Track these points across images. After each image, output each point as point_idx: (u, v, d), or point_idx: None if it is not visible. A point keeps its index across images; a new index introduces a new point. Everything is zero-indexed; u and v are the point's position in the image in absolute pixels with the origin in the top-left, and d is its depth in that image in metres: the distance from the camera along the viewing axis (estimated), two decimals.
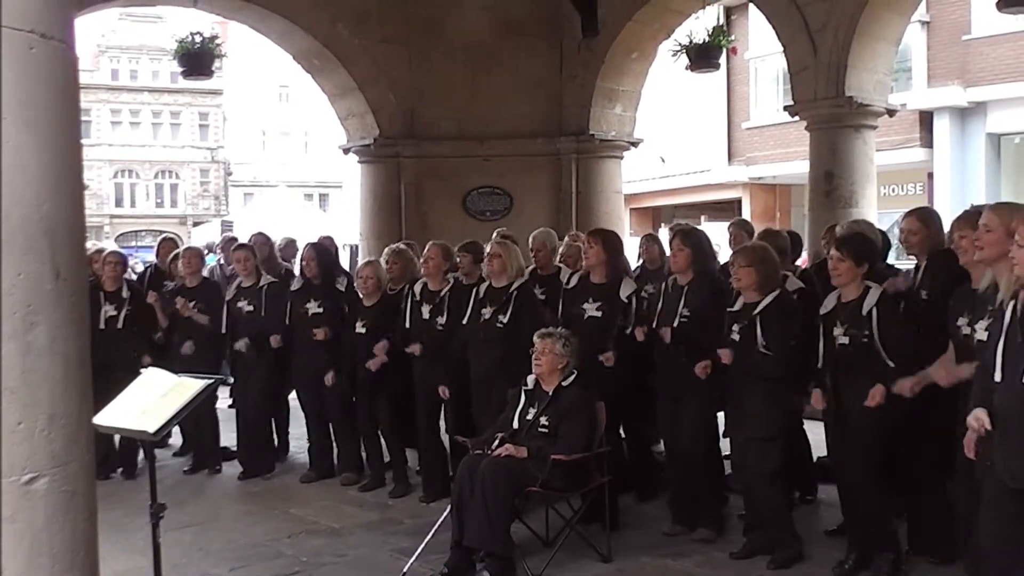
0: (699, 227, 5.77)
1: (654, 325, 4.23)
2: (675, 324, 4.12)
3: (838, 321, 3.58)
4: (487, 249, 4.81)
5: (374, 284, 5.03)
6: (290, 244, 7.35)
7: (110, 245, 7.15)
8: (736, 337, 3.85)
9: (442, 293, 4.86)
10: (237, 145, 34.47)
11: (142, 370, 3.17)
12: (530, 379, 4.07)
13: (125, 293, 5.51)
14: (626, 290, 4.43)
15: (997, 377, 2.49)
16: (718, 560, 3.92)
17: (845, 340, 3.55)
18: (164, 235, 7.79)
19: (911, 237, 3.77)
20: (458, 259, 5.01)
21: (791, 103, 6.79)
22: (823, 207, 6.41)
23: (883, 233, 4.73)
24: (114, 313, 5.39)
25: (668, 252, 4.55)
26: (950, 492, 3.27)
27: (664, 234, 6.01)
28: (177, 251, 6.11)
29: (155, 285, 5.98)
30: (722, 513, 4.24)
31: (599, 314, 4.39)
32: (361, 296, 5.10)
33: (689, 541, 4.14)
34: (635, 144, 8.73)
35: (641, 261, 5.89)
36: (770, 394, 3.79)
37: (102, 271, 5.53)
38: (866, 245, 3.75)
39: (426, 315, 4.85)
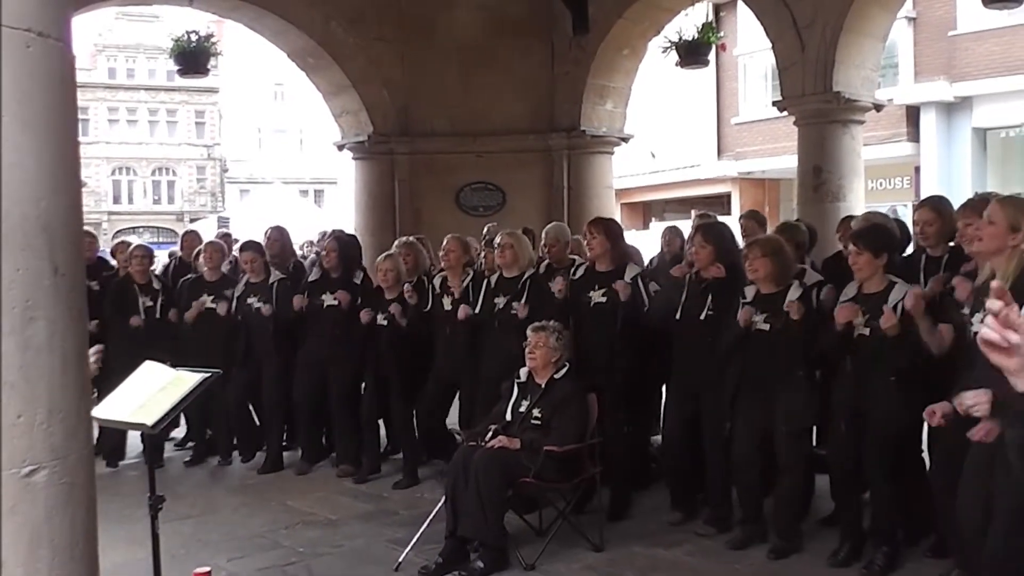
0: (713, 218, 5.51)
1: (677, 318, 4.22)
2: (703, 318, 4.09)
3: (859, 312, 3.55)
4: (497, 240, 4.88)
5: (394, 277, 5.08)
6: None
7: (134, 239, 7.26)
8: (765, 327, 3.80)
9: (464, 284, 4.94)
10: (233, 142, 34.43)
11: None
12: (523, 372, 4.11)
13: (156, 285, 5.67)
14: (630, 273, 4.43)
15: None
16: (708, 549, 3.96)
17: (866, 331, 3.52)
18: (188, 229, 7.83)
19: (927, 228, 3.74)
20: (484, 254, 5.05)
21: (779, 99, 6.85)
22: (811, 201, 6.47)
23: (903, 224, 4.64)
24: (151, 304, 5.53)
25: (689, 244, 4.53)
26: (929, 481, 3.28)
27: (686, 226, 5.94)
28: (200, 246, 6.21)
29: (180, 277, 6.10)
30: (729, 513, 4.22)
31: (604, 300, 4.40)
32: (384, 289, 5.14)
33: (680, 531, 4.18)
34: (626, 140, 8.80)
35: (660, 251, 5.90)
36: (811, 385, 3.78)
37: (129, 265, 5.63)
38: (883, 237, 3.72)
39: (448, 307, 4.92)
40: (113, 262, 6.42)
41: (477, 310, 4.77)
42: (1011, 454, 1.67)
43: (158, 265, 6.87)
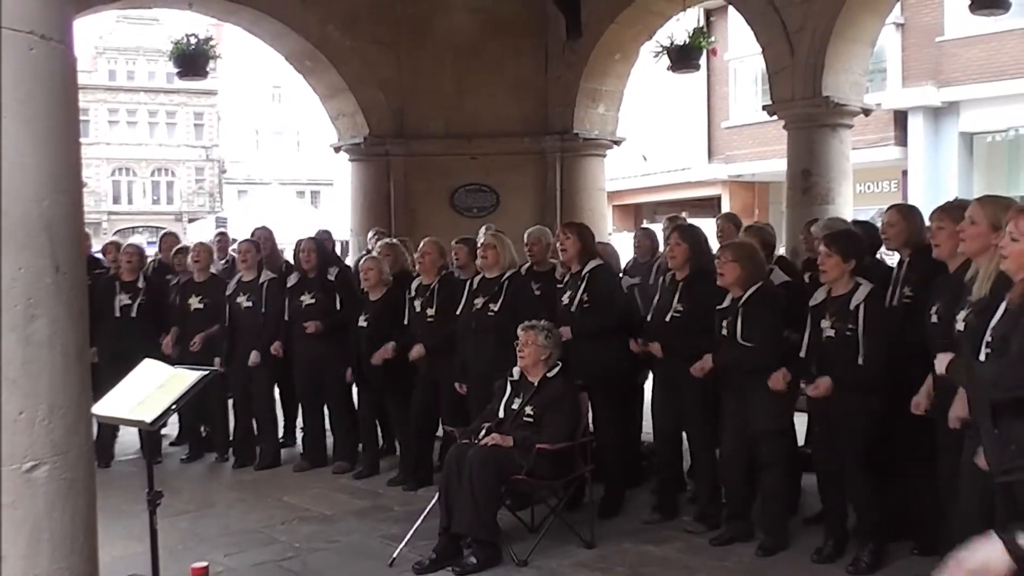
0: (682, 220, 5.76)
1: (648, 319, 4.31)
2: (668, 319, 4.18)
3: (826, 313, 3.64)
4: (480, 241, 4.94)
5: (375, 276, 5.15)
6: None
7: (136, 239, 7.32)
8: (724, 332, 3.91)
9: (432, 286, 5.00)
10: (231, 144, 34.52)
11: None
12: (515, 370, 4.16)
13: (141, 284, 5.68)
14: (590, 266, 4.49)
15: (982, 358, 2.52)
16: (698, 546, 4.01)
17: (831, 333, 3.61)
18: (166, 230, 7.87)
19: (889, 230, 3.83)
20: (454, 252, 5.13)
21: (769, 103, 6.91)
22: (800, 204, 6.51)
23: (874, 228, 4.71)
24: (128, 302, 5.55)
25: (664, 246, 4.59)
26: (937, 479, 3.30)
27: (659, 228, 6.07)
28: (181, 245, 6.26)
29: (159, 278, 6.13)
30: (718, 511, 4.26)
31: (567, 300, 4.51)
32: (366, 290, 5.22)
33: (670, 528, 4.22)
34: (618, 143, 8.86)
35: (633, 255, 5.96)
36: (787, 386, 3.80)
37: (120, 262, 5.69)
38: (854, 242, 3.82)
39: (418, 308, 4.99)
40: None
41: (458, 312, 4.82)
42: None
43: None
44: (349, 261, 7.01)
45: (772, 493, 3.98)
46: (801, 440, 4.59)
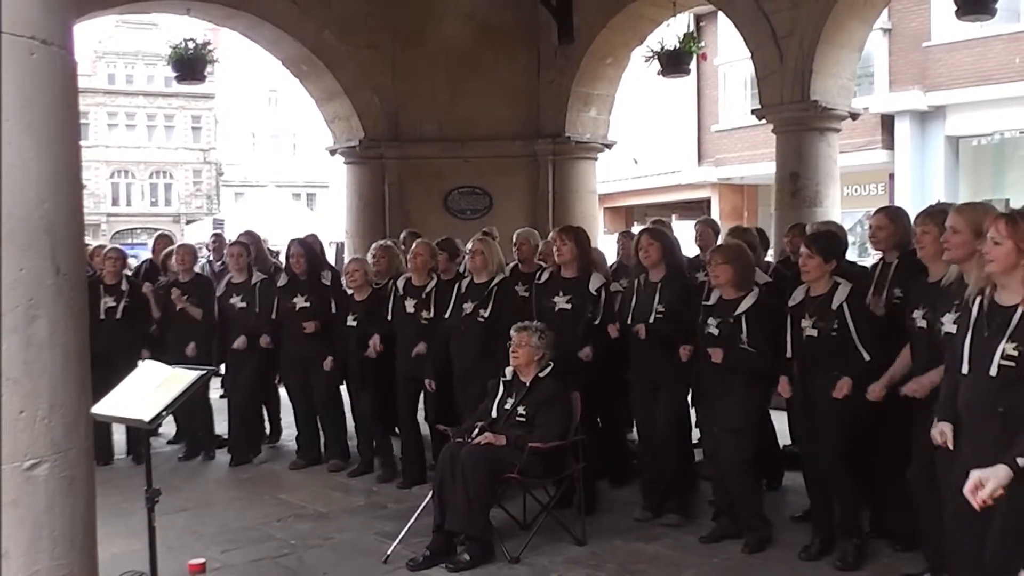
0: (665, 224, 5.90)
1: (629, 321, 4.37)
2: (651, 320, 4.26)
3: (806, 313, 3.70)
4: (469, 246, 4.99)
5: (361, 277, 5.23)
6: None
7: (109, 243, 7.36)
8: (715, 332, 3.95)
9: (427, 289, 5.03)
10: (228, 147, 34.61)
11: (140, 362, 3.32)
12: (508, 371, 4.21)
13: (124, 286, 5.74)
14: (595, 283, 4.60)
15: (964, 370, 2.59)
16: (687, 543, 4.06)
17: (813, 332, 3.66)
18: (159, 232, 7.89)
19: (878, 233, 3.88)
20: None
21: (758, 107, 6.97)
22: (789, 206, 6.58)
23: (840, 229, 4.86)
24: (113, 304, 5.60)
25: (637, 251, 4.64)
26: (908, 480, 3.36)
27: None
28: (170, 248, 6.32)
29: (150, 280, 6.19)
30: (690, 499, 4.37)
31: (568, 306, 4.58)
32: (351, 291, 5.31)
33: (660, 525, 4.27)
34: (609, 146, 8.92)
35: (618, 257, 6.07)
36: (748, 388, 3.91)
37: (103, 266, 5.76)
38: (835, 243, 3.90)
39: (410, 309, 5.02)
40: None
41: (446, 315, 4.88)
42: None
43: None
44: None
45: (736, 491, 4.03)
46: (787, 439, 4.66)
